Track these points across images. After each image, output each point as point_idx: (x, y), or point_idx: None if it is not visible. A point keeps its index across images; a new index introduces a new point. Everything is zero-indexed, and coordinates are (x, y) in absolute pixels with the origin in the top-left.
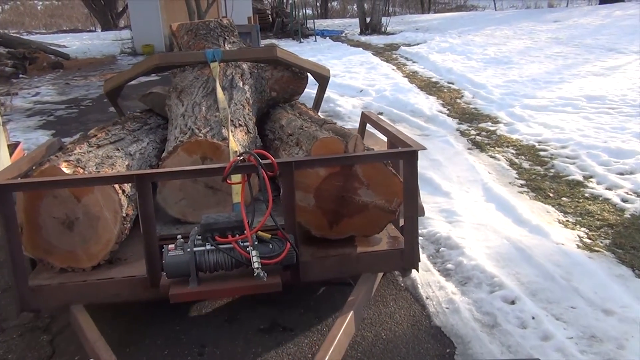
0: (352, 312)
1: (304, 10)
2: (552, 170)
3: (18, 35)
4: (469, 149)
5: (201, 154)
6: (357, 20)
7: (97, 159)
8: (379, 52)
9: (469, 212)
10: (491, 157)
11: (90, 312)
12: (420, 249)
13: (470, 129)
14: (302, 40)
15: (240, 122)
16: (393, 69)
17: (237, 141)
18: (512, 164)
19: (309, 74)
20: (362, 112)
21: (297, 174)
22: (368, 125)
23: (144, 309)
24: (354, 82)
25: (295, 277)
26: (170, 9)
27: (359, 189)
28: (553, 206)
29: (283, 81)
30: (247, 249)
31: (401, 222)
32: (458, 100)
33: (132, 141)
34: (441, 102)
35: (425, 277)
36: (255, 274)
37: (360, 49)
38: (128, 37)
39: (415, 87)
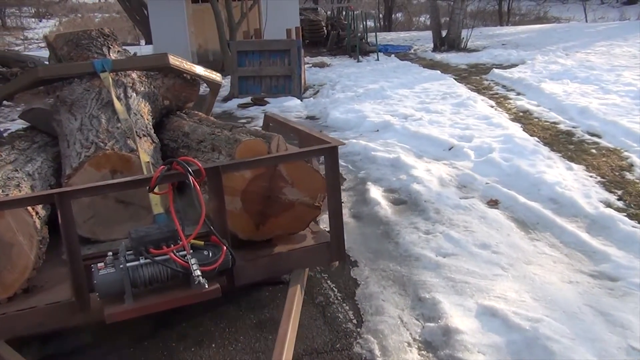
0: (294, 308)
1: (365, 22)
2: None
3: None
4: None
5: (110, 168)
6: (427, 33)
7: (0, 182)
8: (463, 76)
9: None
10: None
11: None
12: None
13: None
14: (360, 58)
15: (143, 132)
16: (492, 107)
17: (145, 152)
18: None
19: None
20: (265, 114)
21: (224, 177)
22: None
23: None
24: (436, 130)
25: (230, 282)
26: (199, 19)
27: (284, 187)
28: None
29: (175, 89)
30: (186, 257)
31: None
32: (628, 175)
33: (25, 161)
34: (599, 178)
35: None
36: (196, 282)
37: (438, 71)
38: (148, 53)
39: (540, 143)
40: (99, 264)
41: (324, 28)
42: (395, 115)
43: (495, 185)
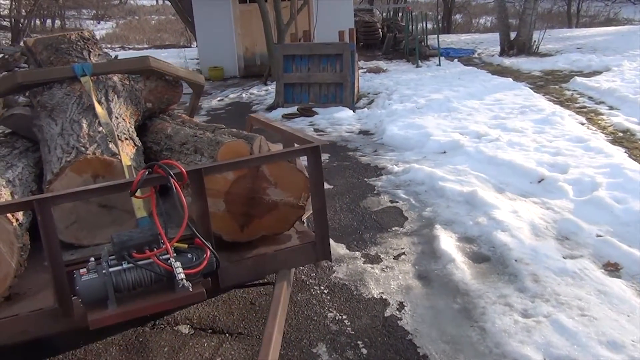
0: (280, 308)
1: (424, 24)
2: None
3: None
4: None
5: (92, 173)
6: (490, 35)
7: None
8: (538, 85)
9: None
10: None
11: None
12: None
13: None
14: (420, 63)
15: (125, 135)
16: (584, 125)
17: (127, 155)
18: None
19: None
20: (249, 115)
21: (206, 180)
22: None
23: None
24: (519, 155)
25: (215, 284)
26: (247, 20)
27: (267, 188)
28: None
29: (157, 91)
30: (169, 261)
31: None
32: None
33: (6, 167)
34: None
35: None
36: (180, 286)
37: (510, 79)
38: (194, 56)
39: None
40: (81, 270)
41: (380, 30)
42: (465, 133)
43: (609, 239)
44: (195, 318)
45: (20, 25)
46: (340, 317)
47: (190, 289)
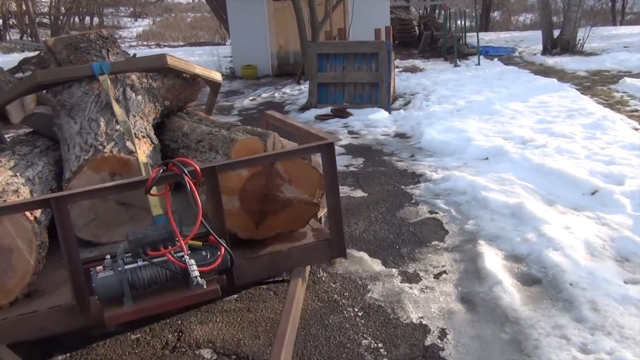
0: (293, 305)
1: (462, 21)
2: None
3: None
4: None
5: (109, 171)
6: (530, 33)
7: None
8: (585, 86)
9: None
10: None
11: None
12: None
13: None
14: (458, 62)
15: (142, 133)
16: (637, 130)
17: (143, 153)
18: None
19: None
20: (265, 112)
21: (220, 177)
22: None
23: None
24: (570, 164)
25: (230, 281)
26: (280, 18)
27: (281, 185)
28: None
29: (175, 89)
30: (183, 258)
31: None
32: None
33: (26, 166)
34: None
35: None
36: (194, 283)
37: (554, 79)
38: (228, 54)
39: None
40: (98, 267)
41: (416, 28)
42: (509, 138)
43: None
44: (219, 341)
45: (60, 22)
46: (375, 344)
47: (205, 286)
